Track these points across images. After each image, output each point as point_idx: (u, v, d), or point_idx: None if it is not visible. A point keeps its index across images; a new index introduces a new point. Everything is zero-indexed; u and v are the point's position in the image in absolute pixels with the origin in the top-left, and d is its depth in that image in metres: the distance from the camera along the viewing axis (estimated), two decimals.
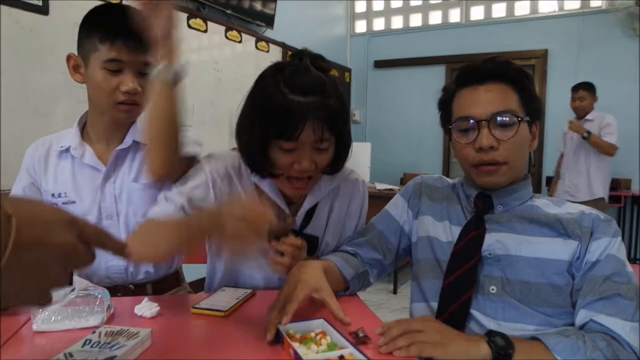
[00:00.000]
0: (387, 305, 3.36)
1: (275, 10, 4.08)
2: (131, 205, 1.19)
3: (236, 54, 3.64)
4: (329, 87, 0.94)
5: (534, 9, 4.82)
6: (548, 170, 4.67)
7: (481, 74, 0.98)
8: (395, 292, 3.72)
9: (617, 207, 4.35)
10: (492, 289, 0.93)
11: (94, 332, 0.75)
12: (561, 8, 4.71)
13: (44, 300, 0.46)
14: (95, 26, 1.09)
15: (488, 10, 5.08)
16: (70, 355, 0.66)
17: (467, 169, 1.01)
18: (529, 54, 4.82)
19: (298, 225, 1.08)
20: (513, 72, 0.97)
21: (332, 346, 0.72)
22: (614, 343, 0.80)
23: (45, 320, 0.81)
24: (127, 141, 1.20)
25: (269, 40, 3.94)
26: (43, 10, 2.25)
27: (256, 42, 3.84)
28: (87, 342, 0.71)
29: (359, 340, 0.77)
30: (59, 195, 1.20)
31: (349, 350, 0.71)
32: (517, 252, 0.94)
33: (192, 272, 1.53)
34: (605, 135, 3.52)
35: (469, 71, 1.01)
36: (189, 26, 3.22)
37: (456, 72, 1.05)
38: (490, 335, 0.81)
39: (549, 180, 4.53)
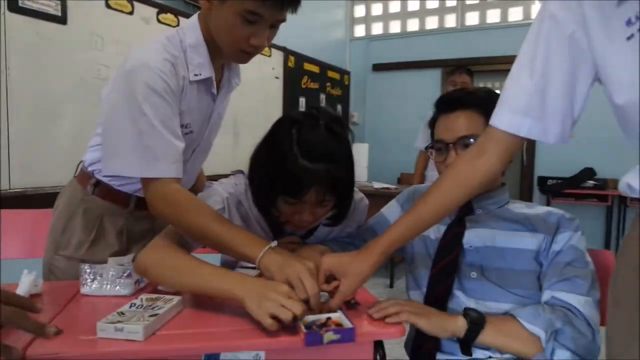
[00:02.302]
0: (383, 298, 3.51)
1: None
2: (212, 134, 1.25)
3: None
4: (339, 155, 0.99)
5: (526, 15, 4.99)
6: (540, 171, 4.84)
7: (453, 102, 1.16)
8: (391, 286, 3.90)
9: (605, 205, 4.52)
10: (473, 275, 1.09)
11: (137, 297, 0.92)
12: None
13: None
14: None
15: (483, 16, 5.24)
16: (122, 313, 0.83)
17: None
18: None
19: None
20: (479, 100, 1.13)
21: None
22: (569, 313, 0.95)
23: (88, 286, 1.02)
24: (227, 77, 1.22)
25: (270, 45, 4.09)
26: (61, 20, 2.40)
27: None
28: (133, 305, 0.88)
29: (350, 307, 0.93)
30: (186, 127, 1.13)
31: (337, 315, 0.87)
32: (492, 243, 1.10)
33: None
34: None
35: (443, 100, 1.19)
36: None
37: (435, 102, 1.21)
38: (466, 310, 0.97)
39: (541, 180, 4.69)
